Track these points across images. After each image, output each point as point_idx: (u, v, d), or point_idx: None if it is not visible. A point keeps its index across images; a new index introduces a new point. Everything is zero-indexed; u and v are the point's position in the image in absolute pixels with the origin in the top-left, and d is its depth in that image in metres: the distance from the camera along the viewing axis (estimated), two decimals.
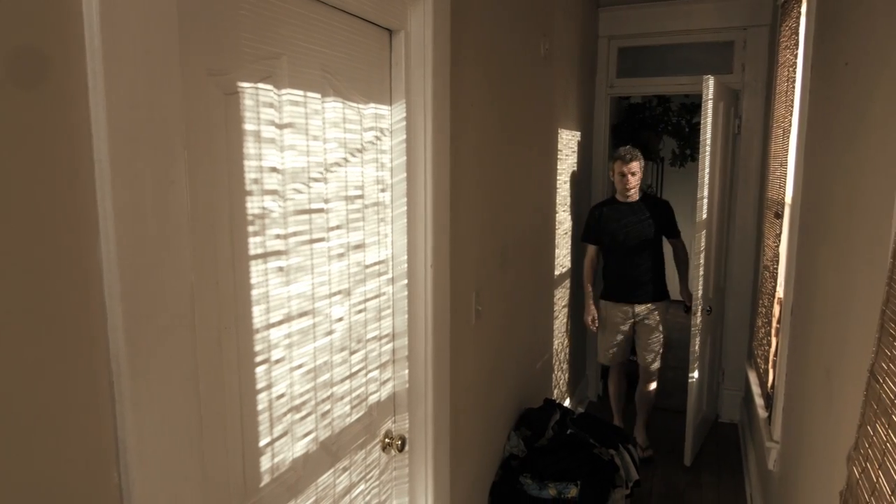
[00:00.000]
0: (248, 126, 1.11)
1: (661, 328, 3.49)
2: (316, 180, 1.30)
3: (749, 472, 3.24)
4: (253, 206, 1.13)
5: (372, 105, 1.49)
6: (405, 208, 1.60)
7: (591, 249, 3.55)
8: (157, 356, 0.87)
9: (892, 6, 1.28)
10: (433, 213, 1.65)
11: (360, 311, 1.50)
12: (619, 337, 3.54)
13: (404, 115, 1.56)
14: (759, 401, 2.97)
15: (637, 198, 3.43)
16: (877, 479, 1.01)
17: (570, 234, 3.69)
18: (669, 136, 5.34)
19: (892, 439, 0.96)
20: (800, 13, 2.58)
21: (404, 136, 1.57)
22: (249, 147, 1.11)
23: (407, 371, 1.69)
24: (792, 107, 2.66)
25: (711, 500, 3.10)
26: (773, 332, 2.87)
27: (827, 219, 1.78)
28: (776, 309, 2.83)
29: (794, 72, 2.64)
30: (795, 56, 2.65)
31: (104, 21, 0.76)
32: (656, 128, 5.24)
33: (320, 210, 1.31)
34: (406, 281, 1.64)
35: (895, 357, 0.99)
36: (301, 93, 1.23)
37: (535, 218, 2.89)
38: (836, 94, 1.77)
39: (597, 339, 3.71)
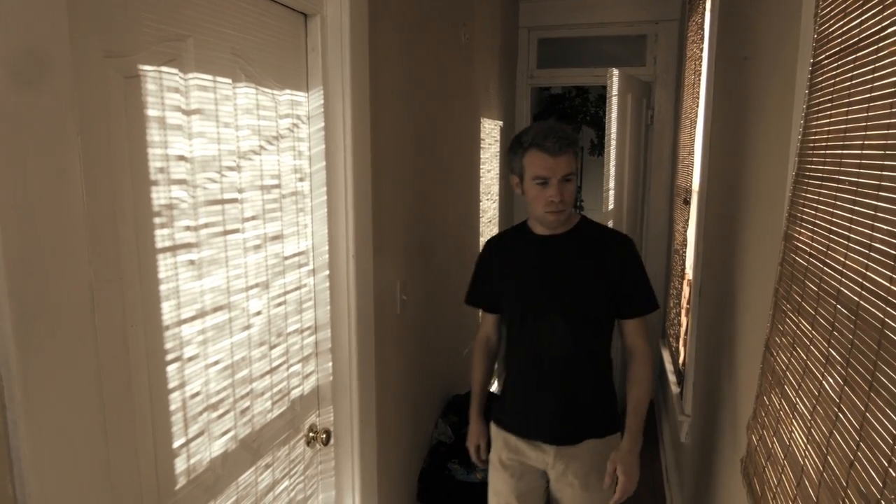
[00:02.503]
0: (152, 112, 1.05)
1: (603, 492, 1.69)
2: (229, 169, 1.25)
3: (664, 444, 3.42)
4: (159, 196, 1.07)
5: (288, 91, 1.44)
6: (325, 197, 1.57)
7: (488, 321, 1.88)
8: (52, 358, 0.81)
9: (784, 6, 1.37)
10: (354, 202, 1.62)
11: (279, 304, 1.46)
12: (525, 496, 1.78)
13: (322, 101, 1.53)
14: (671, 377, 3.14)
15: (571, 226, 1.70)
16: (771, 445, 1.09)
17: (494, 222, 3.74)
18: (588, 126, 5.51)
19: (784, 408, 1.04)
20: (705, 9, 2.72)
21: (322, 124, 1.54)
22: (154, 134, 1.05)
23: (331, 363, 1.66)
24: (698, 98, 2.80)
25: None
26: (683, 312, 3.04)
27: (729, 204, 1.89)
28: (686, 290, 2.99)
29: (701, 65, 2.78)
30: (701, 50, 2.79)
31: None
32: (575, 118, 5.39)
33: (234, 200, 1.26)
34: (328, 272, 1.61)
35: (787, 332, 1.07)
36: (210, 77, 1.18)
37: (460, 206, 2.91)
38: (737, 87, 1.88)
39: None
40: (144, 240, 1.05)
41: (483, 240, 3.45)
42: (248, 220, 1.32)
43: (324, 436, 1.62)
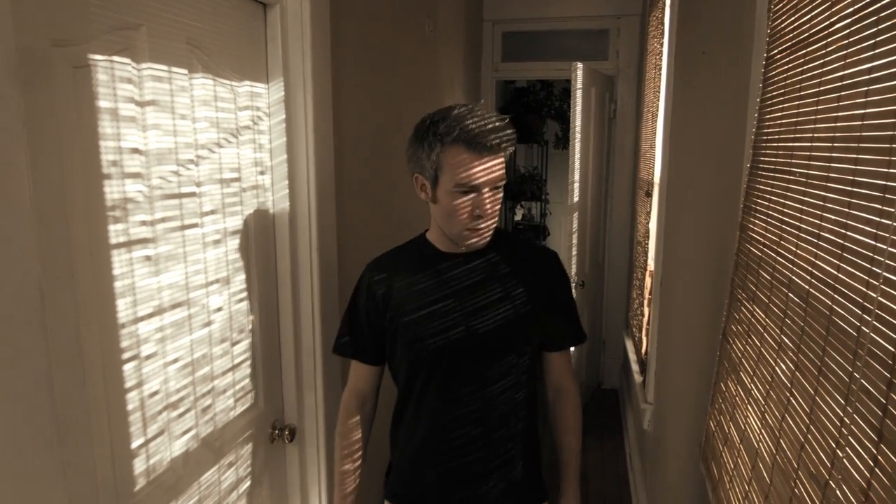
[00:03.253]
0: (104, 103, 1.02)
1: None
2: (186, 162, 1.22)
3: (628, 433, 3.49)
4: (112, 190, 1.04)
5: (247, 83, 1.41)
6: (287, 191, 1.55)
7: (364, 376, 1.39)
8: None
9: (740, 1, 1.39)
10: (317, 195, 1.60)
11: (241, 300, 1.44)
12: None
13: (283, 94, 1.50)
14: (635, 367, 3.20)
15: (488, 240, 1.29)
16: (728, 431, 1.12)
17: None
18: (553, 119, 5.55)
19: (740, 394, 1.07)
20: (665, 4, 2.76)
21: (283, 116, 1.51)
22: (106, 126, 1.02)
23: (294, 359, 1.64)
24: (659, 92, 2.85)
25: (595, 462, 3.31)
26: (645, 302, 3.10)
27: (687, 196, 1.93)
28: (648, 281, 3.05)
29: (661, 59, 2.83)
30: (662, 44, 2.83)
31: None
32: (540, 111, 5.43)
33: (192, 194, 1.24)
34: (290, 268, 1.59)
35: (742, 320, 1.09)
36: (165, 67, 1.15)
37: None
38: (696, 80, 1.92)
39: None
40: (98, 235, 1.02)
41: None
42: (207, 214, 1.29)
43: (288, 432, 1.61)
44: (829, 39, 0.82)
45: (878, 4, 0.68)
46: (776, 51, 1.05)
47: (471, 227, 1.21)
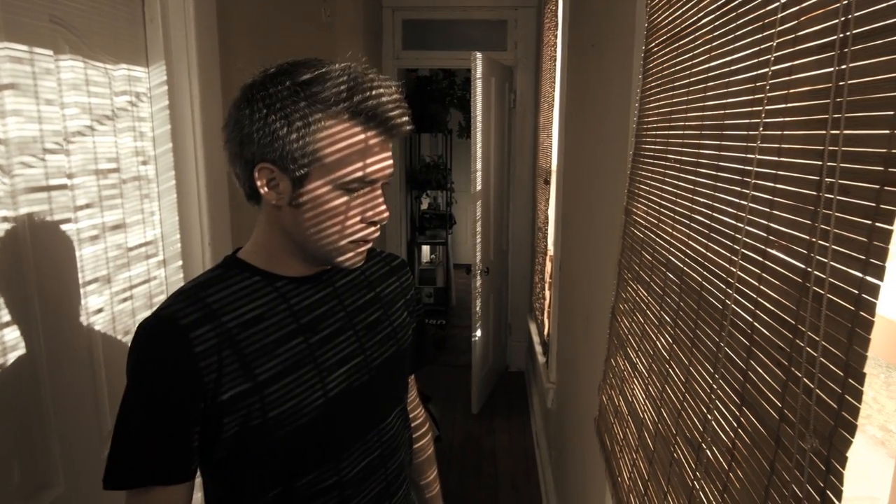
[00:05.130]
0: None
1: None
2: (54, 152, 1.12)
3: (534, 412, 3.62)
4: None
5: (123, 66, 1.32)
6: (174, 182, 1.46)
7: (177, 498, 0.80)
8: None
9: None
10: (208, 185, 1.52)
11: (125, 300, 1.35)
12: None
13: (165, 78, 1.41)
14: (538, 348, 3.32)
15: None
16: (618, 404, 1.18)
17: None
18: (456, 108, 5.60)
19: (627, 369, 1.13)
20: None
21: (167, 102, 1.42)
22: None
23: None
24: (555, 83, 2.95)
25: (504, 442, 3.41)
26: (547, 286, 3.22)
27: (581, 184, 2.01)
28: (548, 265, 3.17)
29: (556, 51, 2.92)
30: (556, 37, 2.93)
31: None
32: (443, 101, 5.46)
33: (62, 186, 1.14)
34: (181, 262, 1.51)
35: (628, 299, 1.16)
36: (24, 48, 1.04)
37: None
38: (587, 72, 1.99)
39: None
40: None
41: None
42: (82, 208, 1.20)
43: None
44: (697, 34, 0.87)
45: (737, 1, 0.74)
46: (653, 44, 1.11)
47: (359, 238, 0.84)
